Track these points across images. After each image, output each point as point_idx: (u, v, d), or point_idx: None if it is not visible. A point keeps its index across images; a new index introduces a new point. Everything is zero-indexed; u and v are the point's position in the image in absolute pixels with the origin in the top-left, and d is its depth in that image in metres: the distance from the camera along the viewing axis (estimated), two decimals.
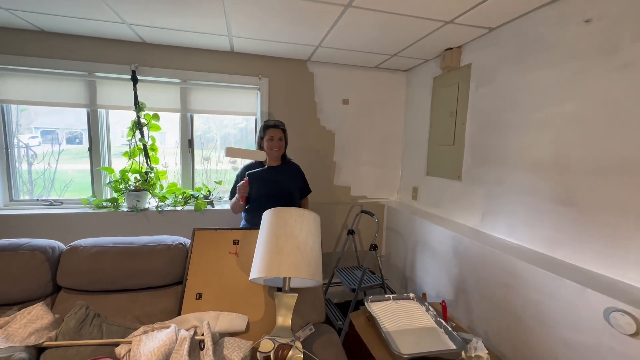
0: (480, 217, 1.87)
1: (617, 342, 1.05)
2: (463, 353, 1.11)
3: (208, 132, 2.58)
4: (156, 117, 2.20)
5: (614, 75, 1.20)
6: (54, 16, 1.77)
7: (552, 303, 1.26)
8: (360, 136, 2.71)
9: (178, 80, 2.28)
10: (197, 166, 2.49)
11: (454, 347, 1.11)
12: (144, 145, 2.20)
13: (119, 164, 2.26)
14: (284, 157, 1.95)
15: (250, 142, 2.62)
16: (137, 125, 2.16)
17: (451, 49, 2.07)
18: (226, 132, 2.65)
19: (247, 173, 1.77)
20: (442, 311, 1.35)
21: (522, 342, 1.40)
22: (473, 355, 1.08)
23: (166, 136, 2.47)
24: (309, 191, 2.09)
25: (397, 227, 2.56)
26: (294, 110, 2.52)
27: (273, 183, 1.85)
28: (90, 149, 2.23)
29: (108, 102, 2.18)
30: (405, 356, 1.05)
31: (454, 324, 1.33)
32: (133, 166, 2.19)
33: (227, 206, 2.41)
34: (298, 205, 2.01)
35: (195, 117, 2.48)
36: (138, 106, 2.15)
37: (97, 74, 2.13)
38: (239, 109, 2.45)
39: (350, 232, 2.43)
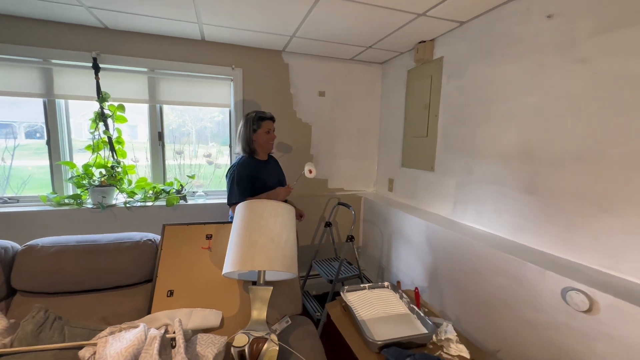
0: (451, 206, 1.93)
1: (573, 318, 1.13)
2: (434, 336, 1.15)
3: (183, 125, 2.47)
4: (121, 107, 2.08)
5: (571, 70, 1.26)
6: None
7: (516, 285, 1.33)
8: (337, 129, 2.71)
9: (145, 70, 2.17)
10: (170, 161, 2.39)
11: (426, 331, 1.15)
12: (109, 138, 2.08)
13: (83, 158, 2.12)
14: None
15: (227, 135, 2.55)
16: (101, 117, 2.03)
17: (424, 42, 2.10)
18: (202, 126, 2.56)
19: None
20: (415, 298, 1.40)
21: (489, 323, 1.48)
22: (443, 338, 1.13)
23: (137, 130, 2.35)
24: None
25: (374, 219, 2.60)
26: (270, 102, 2.47)
27: (276, 179, 1.83)
28: (48, 143, 2.07)
29: (67, 92, 2.03)
30: (379, 343, 1.07)
31: (427, 310, 1.38)
32: (97, 160, 2.07)
33: (201, 200, 2.34)
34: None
35: (169, 110, 2.37)
36: (101, 96, 2.02)
37: (54, 61, 1.97)
38: (211, 100, 2.37)
39: (328, 225, 2.44)
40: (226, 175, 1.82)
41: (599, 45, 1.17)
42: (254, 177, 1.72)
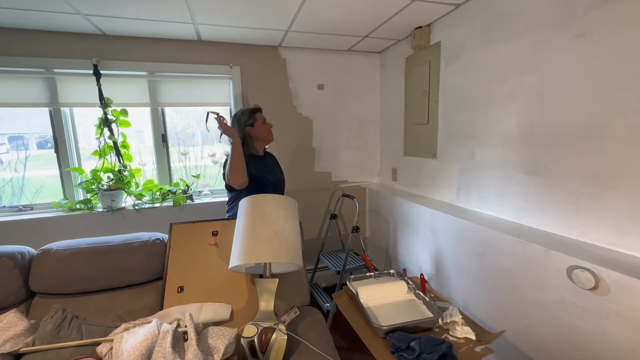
0: (455, 192, 1.92)
1: (579, 297, 1.12)
2: (440, 320, 1.16)
3: (188, 127, 2.50)
4: (124, 112, 2.12)
5: (570, 46, 1.24)
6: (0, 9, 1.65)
7: (521, 267, 1.33)
8: (338, 121, 2.71)
9: (145, 73, 2.20)
10: (176, 164, 2.43)
11: (431, 315, 1.17)
12: (114, 143, 2.12)
13: (91, 164, 2.18)
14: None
15: None
16: (105, 122, 2.08)
17: (420, 27, 2.07)
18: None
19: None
20: (420, 284, 1.41)
21: (496, 305, 1.48)
22: (449, 321, 1.14)
23: (144, 135, 2.40)
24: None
25: (379, 209, 2.61)
26: (269, 98, 2.48)
27: (273, 173, 1.77)
28: (57, 151, 2.13)
29: (71, 100, 2.08)
30: (385, 328, 1.09)
31: (432, 295, 1.39)
32: (105, 165, 2.12)
33: (208, 199, 2.38)
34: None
35: (174, 112, 2.40)
36: (104, 102, 2.06)
37: (57, 70, 2.02)
38: (211, 99, 2.39)
39: (333, 217, 2.46)
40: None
41: (598, 19, 1.14)
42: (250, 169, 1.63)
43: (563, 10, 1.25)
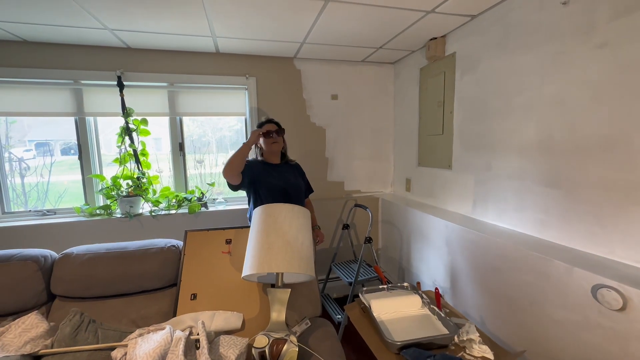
0: (471, 204, 1.88)
1: (605, 317, 1.07)
2: (456, 337, 1.13)
3: (203, 135, 2.57)
4: (145, 122, 2.19)
5: (591, 56, 1.21)
6: (34, 25, 1.76)
7: (542, 283, 1.28)
8: (351, 131, 2.72)
9: (165, 84, 2.28)
10: (192, 171, 2.49)
11: (447, 332, 1.13)
12: (134, 151, 2.20)
13: (112, 171, 2.26)
14: (284, 156, 1.92)
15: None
16: (126, 131, 2.16)
17: (435, 38, 2.07)
18: (222, 135, 2.64)
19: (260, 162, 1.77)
20: (435, 298, 1.37)
21: (515, 323, 1.42)
22: (465, 338, 1.10)
23: (161, 142, 2.47)
24: (312, 190, 2.05)
25: (392, 219, 2.57)
26: (284, 108, 2.52)
27: (284, 179, 1.80)
28: (80, 158, 2.22)
29: (95, 110, 2.18)
30: (398, 343, 1.06)
31: (448, 310, 1.35)
32: (124, 172, 2.19)
33: (222, 207, 2.42)
34: (304, 203, 1.95)
35: (190, 120, 2.47)
36: (126, 112, 2.15)
37: (83, 81, 2.12)
38: (227, 109, 2.45)
39: (345, 227, 2.44)
40: None
41: (620, 29, 1.12)
42: (253, 173, 1.73)
43: (584, 20, 1.23)
